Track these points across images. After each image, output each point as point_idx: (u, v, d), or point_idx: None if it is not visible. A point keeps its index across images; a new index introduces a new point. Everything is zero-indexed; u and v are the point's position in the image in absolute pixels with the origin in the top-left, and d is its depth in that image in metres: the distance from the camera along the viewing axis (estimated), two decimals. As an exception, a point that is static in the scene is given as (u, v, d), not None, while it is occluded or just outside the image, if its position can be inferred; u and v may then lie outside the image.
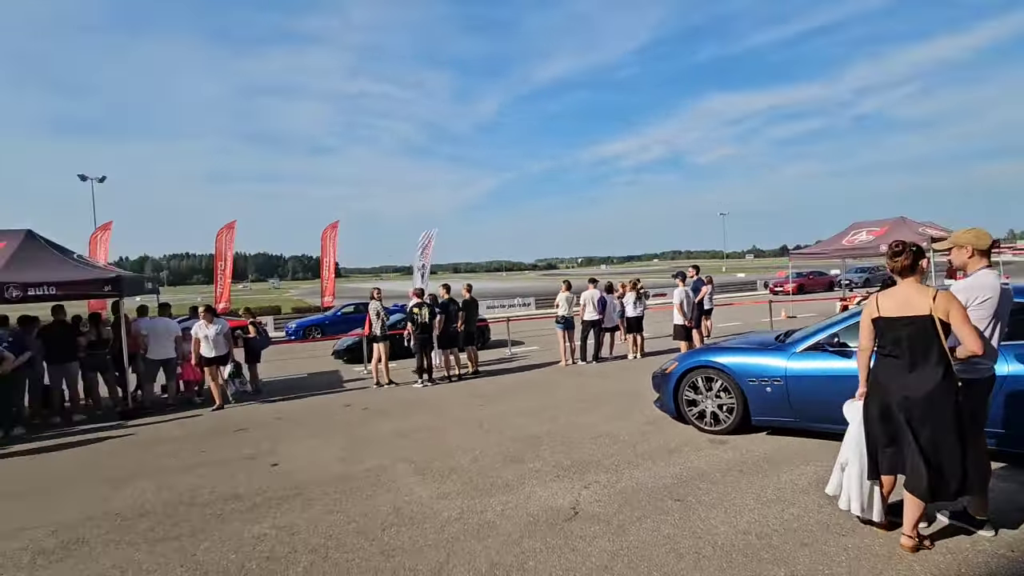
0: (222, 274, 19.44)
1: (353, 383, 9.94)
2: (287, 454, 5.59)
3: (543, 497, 4.01)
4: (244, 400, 8.65)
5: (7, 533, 3.96)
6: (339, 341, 13.58)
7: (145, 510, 4.26)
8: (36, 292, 7.19)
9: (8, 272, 7.27)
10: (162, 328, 8.51)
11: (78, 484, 5.04)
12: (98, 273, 7.95)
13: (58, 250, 8.24)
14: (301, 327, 19.35)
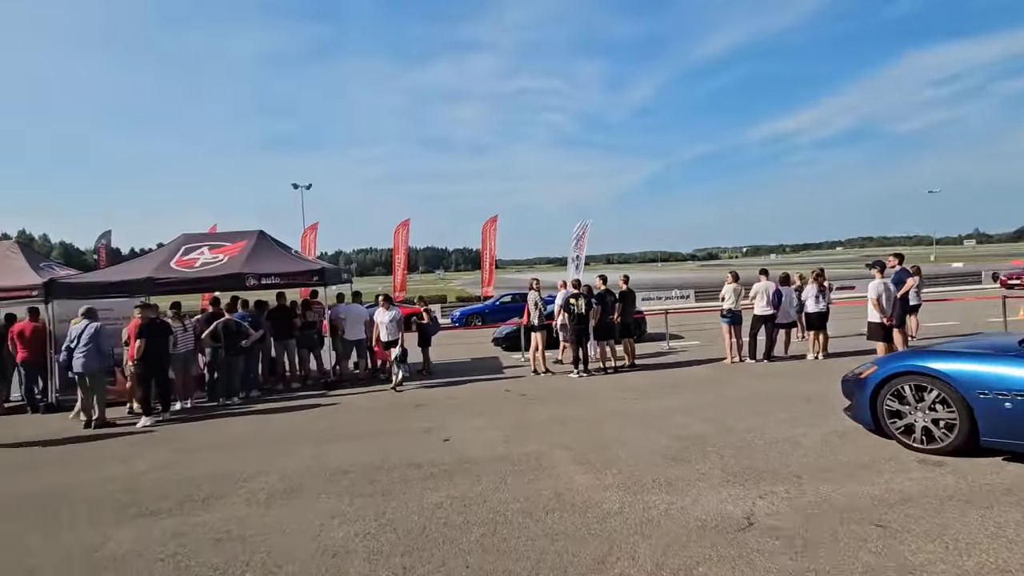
0: (399, 266, 21.77)
1: (511, 369, 10.41)
2: (457, 431, 6.07)
3: (712, 502, 3.77)
4: (417, 380, 9.61)
5: (251, 475, 4.94)
6: (498, 329, 14.32)
7: (346, 468, 4.97)
8: (266, 281, 8.81)
9: (248, 265, 9.01)
10: (355, 313, 9.81)
11: (296, 441, 6.07)
12: (309, 265, 9.47)
13: (281, 247, 10.01)
14: (464, 315, 20.86)
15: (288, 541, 3.56)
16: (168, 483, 4.84)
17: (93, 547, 3.64)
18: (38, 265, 9.34)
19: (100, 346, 7.28)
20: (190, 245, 9.76)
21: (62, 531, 3.95)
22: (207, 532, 3.77)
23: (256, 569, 3.22)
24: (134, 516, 4.14)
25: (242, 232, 10.21)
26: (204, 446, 6.09)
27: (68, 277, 9.16)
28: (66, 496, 4.65)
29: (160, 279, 8.77)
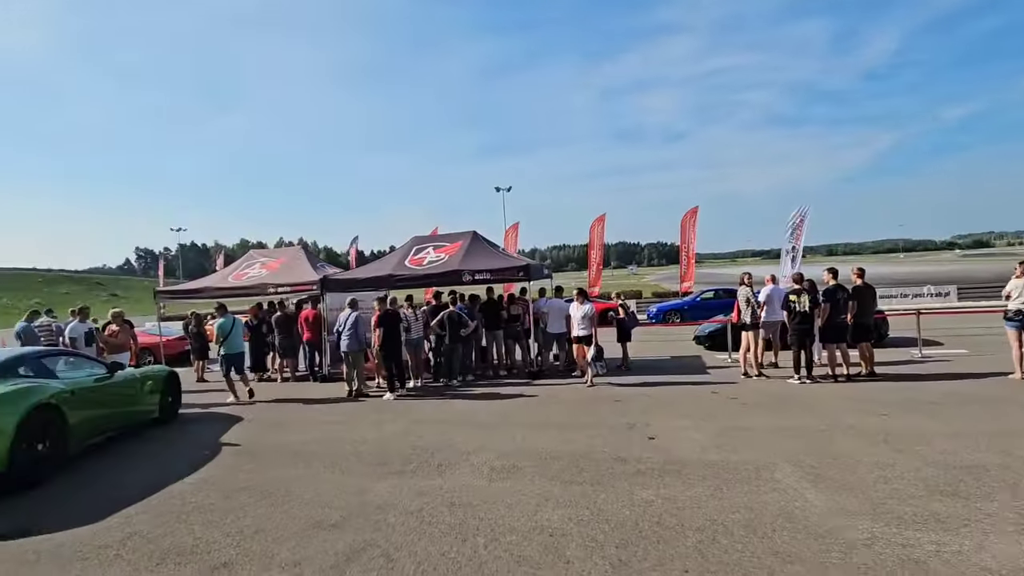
0: (594, 261, 22.00)
1: (717, 370, 9.72)
2: (662, 430, 5.90)
3: (1007, 551, 3.00)
4: (616, 375, 9.60)
5: (473, 450, 5.53)
6: (700, 327, 13.49)
7: (555, 455, 5.23)
8: (479, 277, 9.73)
9: (464, 262, 10.07)
10: (557, 307, 10.22)
11: (508, 424, 6.58)
12: (515, 262, 10.18)
13: (491, 245, 10.95)
14: (661, 311, 20.15)
15: (509, 514, 3.89)
16: (409, 448, 5.70)
17: (360, 491, 4.48)
18: (316, 265, 11.81)
19: (359, 331, 8.90)
20: (419, 246, 11.29)
21: (337, 476, 4.93)
22: (443, 495, 4.33)
23: (484, 534, 3.59)
24: (386, 473, 4.96)
25: (459, 233, 11.43)
26: (433, 420, 7.00)
27: (335, 275, 11.38)
28: (336, 448, 5.80)
29: (398, 276, 10.34)
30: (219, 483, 4.88)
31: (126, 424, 6.70)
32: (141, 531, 3.90)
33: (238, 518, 4.06)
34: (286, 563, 3.33)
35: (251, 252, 13.21)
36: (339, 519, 3.96)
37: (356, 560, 3.32)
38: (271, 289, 10.94)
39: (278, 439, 6.37)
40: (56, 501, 4.60)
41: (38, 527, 4.04)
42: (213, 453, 5.86)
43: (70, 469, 5.40)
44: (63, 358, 6.41)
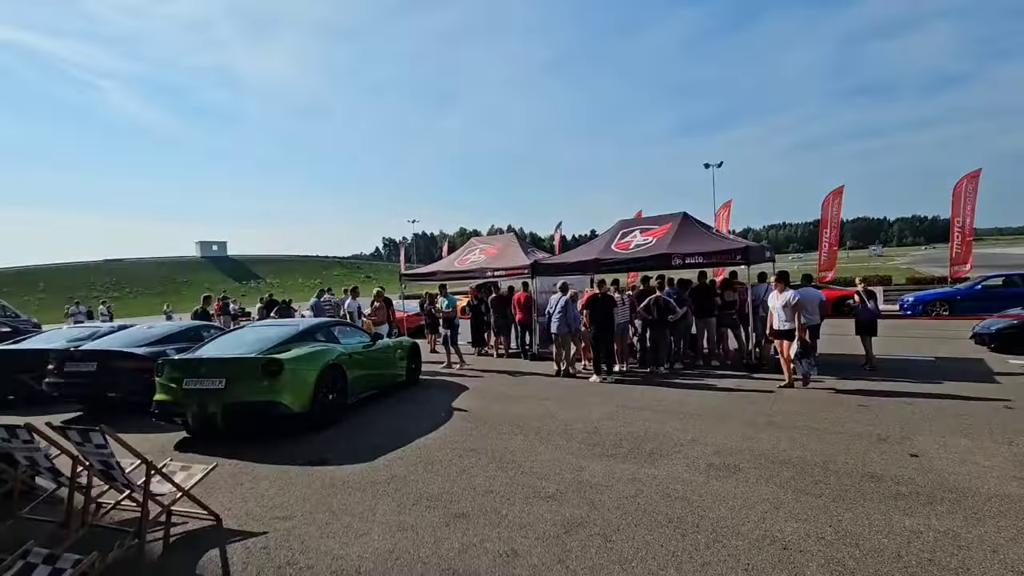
0: (827, 241, 19.00)
1: (1009, 377, 7.58)
2: (928, 448, 4.85)
3: None
4: (858, 376, 8.18)
5: (687, 442, 5.31)
6: (982, 323, 10.64)
7: (784, 459, 4.71)
8: (690, 261, 9.22)
9: (673, 245, 9.64)
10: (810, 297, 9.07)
11: (724, 419, 6.15)
12: (730, 244, 9.36)
13: (703, 227, 10.26)
14: (920, 301, 16.46)
15: (732, 516, 3.64)
16: (617, 433, 5.74)
17: (576, 469, 4.68)
18: (527, 250, 12.61)
19: (568, 314, 9.25)
20: (625, 229, 11.18)
21: (551, 450, 5.22)
22: (657, 485, 4.26)
23: (705, 532, 3.43)
24: (599, 454, 5.08)
25: (668, 215, 10.97)
26: (641, 407, 6.92)
27: (544, 259, 11.99)
28: (550, 425, 6.14)
29: (604, 260, 10.41)
30: (454, 443, 5.60)
31: (384, 384, 8.13)
32: (399, 475, 4.72)
33: (471, 476, 4.62)
34: (514, 524, 3.67)
35: (472, 240, 14.70)
36: (556, 491, 4.20)
37: (574, 534, 3.49)
38: (488, 273, 12.05)
39: (499, 410, 7.02)
40: (339, 441, 5.83)
41: (330, 460, 5.18)
42: (447, 416, 6.75)
43: (347, 418, 6.79)
44: (342, 328, 8.05)
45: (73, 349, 7.79)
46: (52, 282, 62.78)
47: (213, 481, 4.42)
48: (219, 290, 40.49)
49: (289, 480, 4.68)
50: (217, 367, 5.89)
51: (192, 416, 5.80)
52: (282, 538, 3.60)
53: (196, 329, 8.88)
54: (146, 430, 6.18)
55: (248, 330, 7.60)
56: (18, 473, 3.97)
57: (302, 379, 6.03)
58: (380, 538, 3.54)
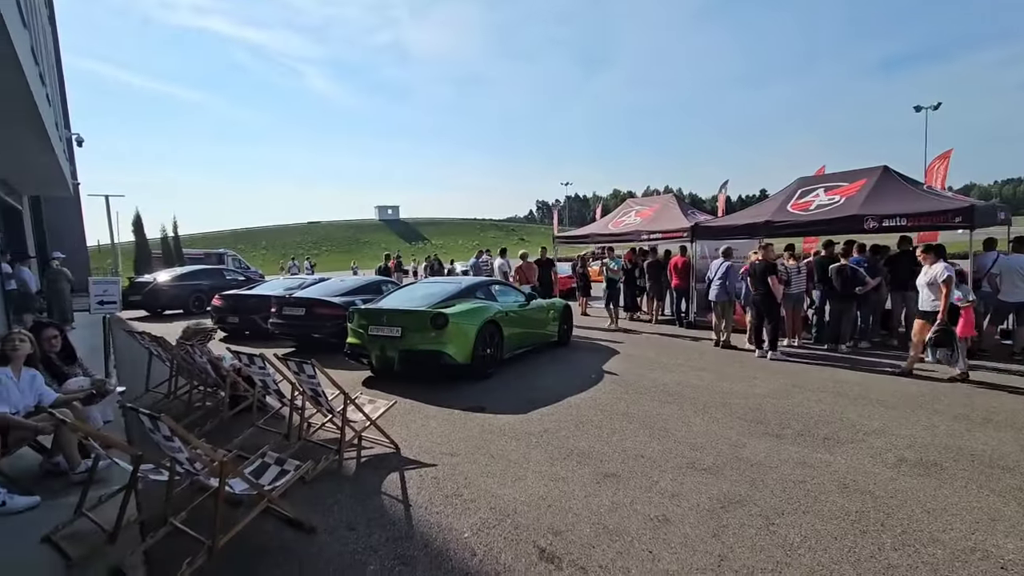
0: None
1: None
2: None
3: None
4: None
5: (872, 431, 4.67)
6: None
7: (1005, 464, 3.90)
8: (888, 223, 7.85)
9: (867, 205, 8.28)
10: (1014, 266, 7.38)
11: (921, 409, 5.26)
12: (948, 204, 7.72)
13: (909, 183, 8.62)
14: None
15: (930, 521, 3.15)
16: (785, 413, 5.25)
17: (734, 444, 4.42)
18: (686, 212, 11.87)
19: (729, 281, 8.58)
20: (805, 188, 9.87)
21: (707, 423, 4.98)
22: (832, 473, 3.84)
23: (891, 533, 3.02)
24: (762, 433, 4.73)
25: (862, 170, 9.42)
26: (814, 387, 6.22)
27: (706, 221, 11.18)
28: (707, 396, 5.84)
29: (777, 222, 9.36)
30: (605, 406, 5.65)
31: (535, 343, 8.45)
32: (551, 429, 4.92)
33: (622, 439, 4.64)
34: (666, 491, 3.62)
35: (628, 201, 14.26)
36: (712, 465, 4.03)
37: (732, 511, 3.33)
38: (644, 236, 11.63)
39: (651, 376, 6.88)
40: (495, 393, 6.24)
41: (487, 408, 5.60)
42: (598, 378, 6.81)
43: (502, 372, 7.22)
44: (499, 286, 8.49)
45: (288, 296, 9.41)
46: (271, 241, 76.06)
47: (392, 415, 5.08)
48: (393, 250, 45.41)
49: (453, 422, 5.18)
50: (395, 317, 6.67)
51: (375, 358, 6.68)
52: (449, 472, 4.03)
53: (378, 283, 10.11)
54: (341, 367, 7.29)
55: (419, 285, 8.43)
56: (256, 392, 4.99)
57: (464, 333, 6.54)
58: (534, 484, 3.77)
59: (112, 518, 3.01)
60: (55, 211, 21.17)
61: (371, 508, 3.48)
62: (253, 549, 3.01)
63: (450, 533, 3.16)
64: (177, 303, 15.28)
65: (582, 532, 3.13)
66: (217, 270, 17.79)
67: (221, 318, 10.83)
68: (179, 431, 2.70)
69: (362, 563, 2.87)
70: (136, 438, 4.43)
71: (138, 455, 2.97)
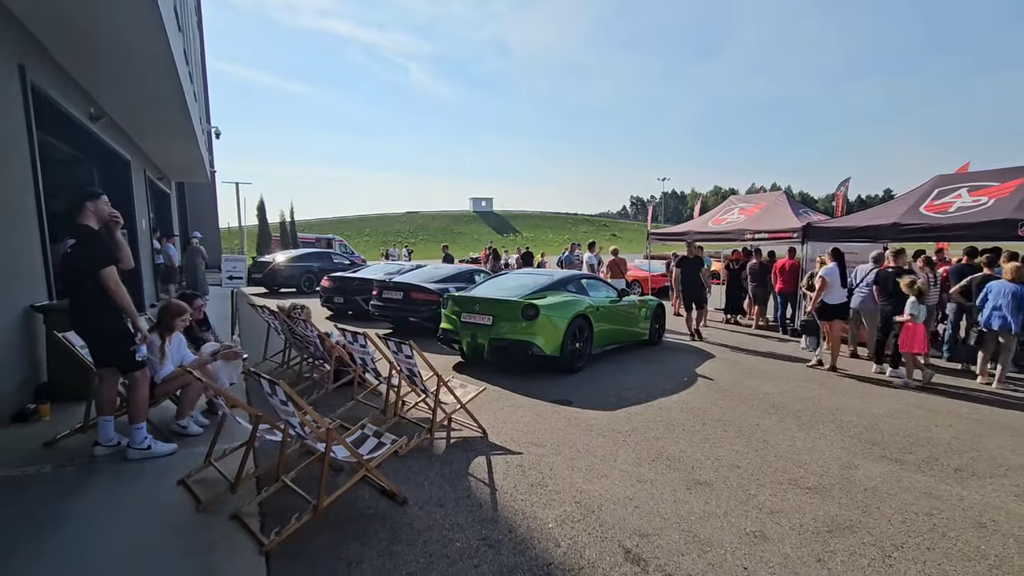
0: None
1: None
2: None
3: None
4: None
5: (1018, 467, 4.05)
6: None
7: None
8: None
9: (1021, 209, 7.15)
10: None
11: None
12: None
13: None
14: None
15: (1094, 579, 2.68)
16: (907, 436, 4.71)
17: (845, 465, 4.04)
18: (798, 212, 10.96)
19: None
20: (945, 187, 8.71)
21: (814, 439, 4.58)
22: (964, 508, 3.39)
23: (1042, 587, 2.61)
24: (878, 456, 4.27)
25: (1016, 168, 8.14)
26: (943, 410, 5.51)
27: (820, 222, 10.27)
28: (813, 411, 5.38)
29: (906, 224, 8.35)
30: (697, 410, 5.40)
31: (626, 339, 8.25)
32: (639, 429, 4.79)
33: (715, 446, 4.40)
34: (764, 507, 3.39)
35: (731, 198, 13.45)
36: (818, 484, 3.71)
37: (840, 536, 3.05)
38: (748, 235, 10.91)
39: (749, 384, 6.46)
40: (583, 387, 6.18)
41: (574, 402, 5.56)
42: (690, 381, 6.52)
43: (590, 367, 7.14)
44: (590, 280, 8.38)
45: (388, 280, 9.96)
46: (373, 228, 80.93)
47: (481, 401, 5.20)
48: (486, 241, 46.43)
49: (540, 413, 5.21)
50: (486, 306, 6.81)
51: (466, 345, 6.87)
52: (534, 461, 4.05)
53: (471, 272, 10.39)
54: (433, 351, 7.59)
55: (511, 276, 8.54)
56: (356, 368, 5.33)
57: (554, 325, 6.54)
58: (620, 484, 3.69)
59: (234, 469, 3.36)
60: (195, 196, 24.00)
61: (459, 488, 3.60)
62: (352, 513, 3.22)
63: (534, 521, 3.18)
64: (291, 282, 16.74)
65: (670, 538, 3.02)
66: (326, 254, 19.25)
67: (328, 298, 11.70)
68: (294, 396, 2.95)
69: (449, 540, 2.98)
70: (255, 401, 4.92)
71: (257, 415, 3.29)
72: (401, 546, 2.91)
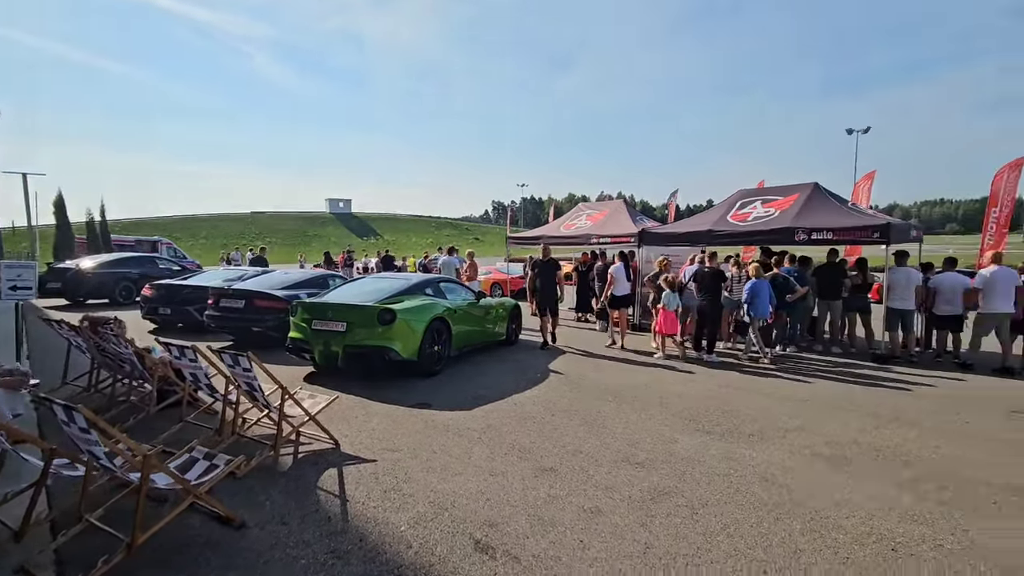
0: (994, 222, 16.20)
1: None
2: (1099, 468, 4.13)
3: None
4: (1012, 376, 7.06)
5: (792, 428, 5.00)
6: None
7: (907, 459, 4.28)
8: (817, 236, 8.38)
9: (799, 219, 8.82)
10: (904, 277, 8.08)
11: (839, 409, 5.66)
12: (869, 220, 8.35)
13: (837, 200, 9.25)
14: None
15: (835, 510, 3.42)
16: (716, 411, 5.53)
17: (667, 440, 4.63)
18: (635, 218, 12.23)
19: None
20: (745, 200, 10.39)
21: (645, 420, 5.18)
22: (754, 467, 4.09)
23: (801, 520, 3.26)
24: (693, 430, 4.96)
25: (796, 185, 10.01)
26: (745, 388, 6.58)
27: (653, 228, 11.57)
28: (645, 396, 6.07)
29: (717, 231, 9.80)
30: (548, 403, 5.77)
31: (484, 341, 8.50)
32: (495, 425, 4.98)
33: (561, 435, 4.75)
34: (600, 484, 3.75)
35: (579, 205, 14.54)
36: (646, 459, 4.21)
37: (660, 502, 3.50)
38: (594, 239, 11.90)
39: (596, 376, 7.07)
40: (441, 390, 6.25)
41: (432, 405, 5.60)
42: (543, 377, 6.94)
43: (449, 369, 7.23)
44: (449, 284, 8.48)
45: (228, 288, 9.04)
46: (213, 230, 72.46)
47: (334, 411, 4.99)
48: (344, 244, 44.24)
49: (396, 419, 5.15)
50: (340, 312, 6.54)
51: (318, 353, 6.53)
52: (389, 467, 4.01)
53: (324, 277, 9.86)
54: (281, 362, 7.08)
55: (367, 280, 8.30)
56: (186, 386, 4.78)
57: (412, 329, 6.51)
58: (473, 479, 3.81)
59: (19, 516, 2.82)
60: (-35, 188, 19.31)
61: (306, 503, 3.43)
62: (177, 545, 2.90)
63: (386, 527, 3.15)
64: (102, 292, 14.34)
65: (518, 524, 3.20)
66: (149, 258, 16.81)
67: (152, 309, 10.27)
68: (97, 423, 2.57)
69: (293, 558, 2.83)
70: (49, 433, 4.16)
71: (51, 449, 2.81)
72: (237, 572, 2.69)
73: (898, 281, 8.14)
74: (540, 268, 9.53)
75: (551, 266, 9.40)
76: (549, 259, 9.51)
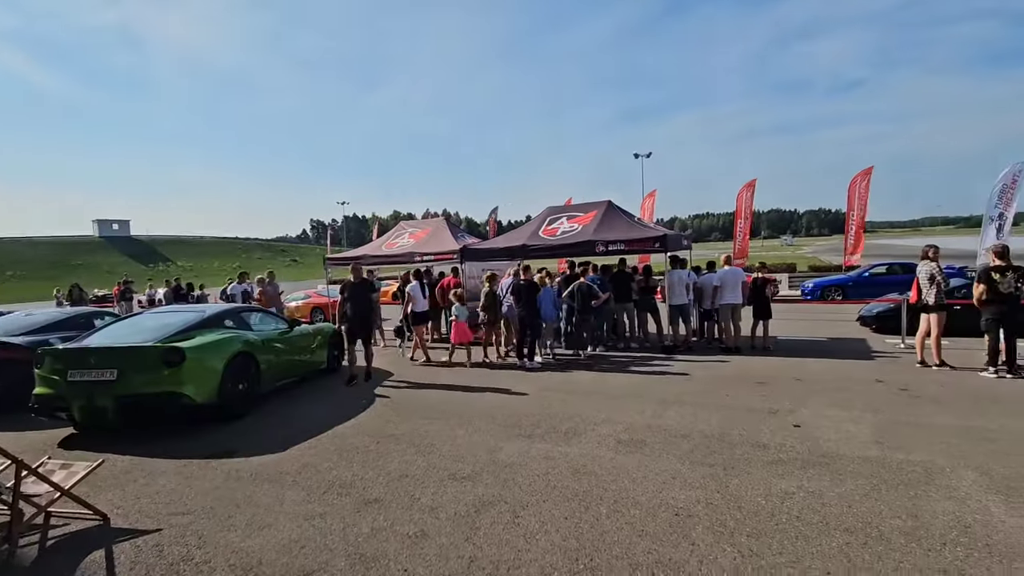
0: (741, 231, 20.28)
1: (884, 356, 8.51)
2: (810, 419, 5.36)
3: None
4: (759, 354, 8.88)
5: (600, 421, 5.55)
6: (866, 306, 11.84)
7: (685, 432, 5.05)
8: (613, 248, 9.55)
9: (598, 232, 9.94)
10: (676, 278, 9.69)
11: (637, 398, 6.47)
12: (650, 232, 9.80)
13: (626, 215, 10.65)
14: (819, 287, 18.04)
15: (633, 488, 3.86)
16: (537, 415, 5.89)
17: (491, 450, 4.77)
18: (456, 235, 12.52)
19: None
20: (553, 216, 11.37)
21: (471, 433, 5.28)
22: (568, 462, 4.43)
23: (607, 503, 3.62)
24: (516, 435, 5.20)
25: (594, 203, 11.28)
26: (562, 390, 7.13)
27: (473, 244, 11.97)
28: (471, 409, 6.20)
29: (532, 245, 10.55)
30: (372, 430, 5.53)
31: (302, 371, 7.84)
32: (312, 463, 4.60)
33: (387, 462, 4.58)
34: (426, 507, 3.69)
35: (401, 223, 14.39)
36: (471, 472, 4.27)
37: (485, 512, 3.57)
38: (417, 257, 11.87)
39: (422, 395, 7.00)
40: (249, 433, 5.59)
41: (237, 451, 4.96)
42: (368, 403, 6.64)
43: (260, 408, 6.51)
44: (256, 313, 7.66)
45: (-64, 339, 6.90)
46: (-83, 264, 55.10)
47: (102, 479, 4.13)
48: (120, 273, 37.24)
49: (189, 475, 4.44)
50: (108, 357, 5.43)
51: (79, 410, 5.33)
52: (177, 534, 3.42)
53: (87, 316, 8.16)
54: (28, 427, 5.64)
55: (147, 316, 7.07)
56: None
57: (208, 368, 5.70)
58: (286, 528, 3.45)
59: None
60: None
61: (57, 602, 2.74)
62: None
63: (172, 607, 2.67)
64: None
65: (336, 567, 2.98)
66: None
67: None
68: None
69: None
70: None
71: None
72: None
73: (673, 282, 9.65)
74: (350, 291, 8.18)
75: (364, 288, 8.24)
76: (361, 280, 8.31)
